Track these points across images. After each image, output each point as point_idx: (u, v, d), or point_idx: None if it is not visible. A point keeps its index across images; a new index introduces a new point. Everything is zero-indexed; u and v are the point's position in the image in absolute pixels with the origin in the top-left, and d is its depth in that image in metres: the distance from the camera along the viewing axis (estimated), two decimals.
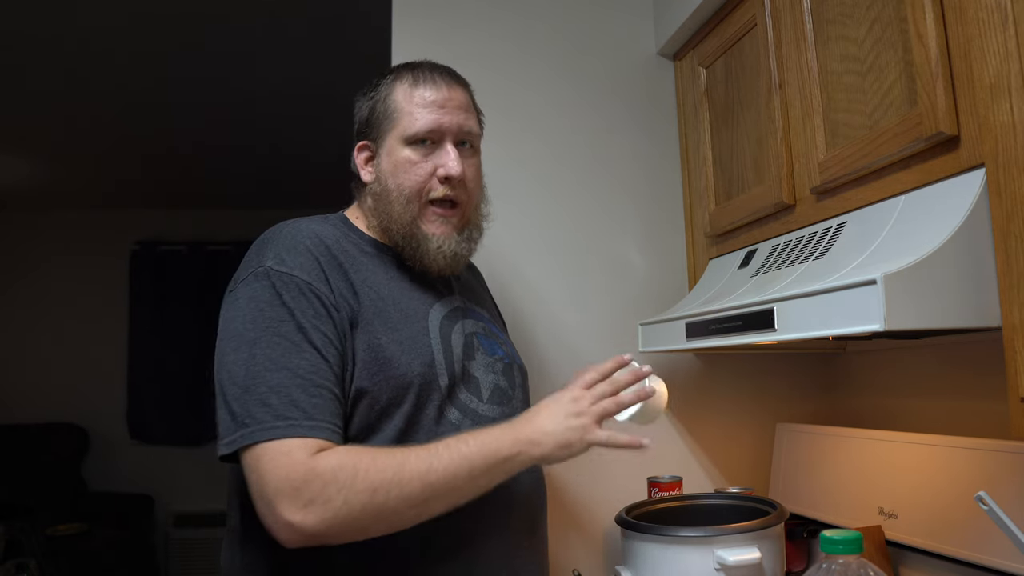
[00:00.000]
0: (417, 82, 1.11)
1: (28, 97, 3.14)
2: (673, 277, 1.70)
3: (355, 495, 0.87)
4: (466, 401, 1.07)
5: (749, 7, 1.42)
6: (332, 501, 0.86)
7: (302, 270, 0.99)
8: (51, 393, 4.50)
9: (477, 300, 1.25)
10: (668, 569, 1.15)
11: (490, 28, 1.68)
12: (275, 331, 0.94)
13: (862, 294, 0.89)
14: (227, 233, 4.72)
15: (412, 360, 1.02)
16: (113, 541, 3.89)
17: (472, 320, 1.17)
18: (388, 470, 0.89)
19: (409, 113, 1.09)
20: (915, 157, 1.03)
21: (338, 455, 0.89)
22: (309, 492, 0.86)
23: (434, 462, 0.91)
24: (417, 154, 1.09)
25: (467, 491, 0.93)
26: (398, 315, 1.05)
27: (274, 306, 0.95)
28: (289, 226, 1.06)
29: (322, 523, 0.86)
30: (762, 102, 1.38)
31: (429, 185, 1.09)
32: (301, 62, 2.87)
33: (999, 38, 0.87)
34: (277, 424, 0.88)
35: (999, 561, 1.06)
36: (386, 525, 0.91)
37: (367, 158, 1.14)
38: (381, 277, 1.08)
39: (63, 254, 4.70)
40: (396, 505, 0.88)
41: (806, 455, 1.54)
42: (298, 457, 0.87)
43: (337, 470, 0.87)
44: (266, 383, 0.91)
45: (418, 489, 0.89)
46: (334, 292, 1.00)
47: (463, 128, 1.11)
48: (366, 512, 0.87)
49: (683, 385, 1.67)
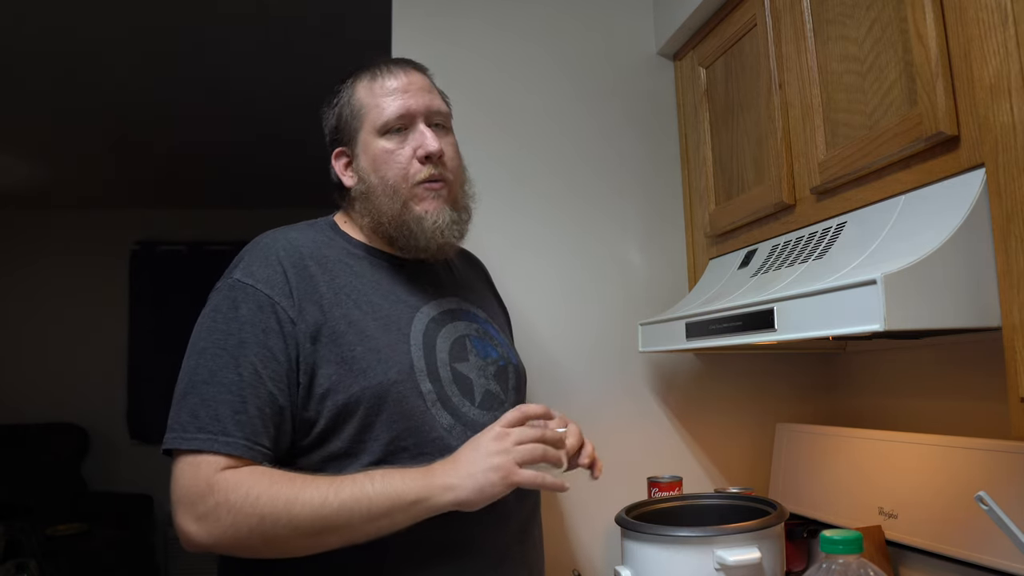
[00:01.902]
0: (376, 75, 1.11)
1: (28, 97, 3.14)
2: (673, 277, 1.70)
3: (243, 519, 0.89)
4: (459, 405, 1.06)
5: (749, 7, 1.42)
6: (221, 520, 0.89)
7: (266, 283, 1.00)
8: (51, 393, 4.50)
9: (476, 299, 1.24)
10: (668, 569, 1.14)
11: (490, 28, 1.68)
12: (221, 344, 0.97)
13: (862, 294, 0.89)
14: (227, 233, 4.72)
15: (388, 368, 1.01)
16: (113, 541, 3.89)
17: (465, 322, 1.15)
18: (279, 499, 0.90)
19: (375, 105, 1.09)
20: (915, 157, 1.03)
21: (239, 476, 0.91)
22: (204, 507, 0.90)
23: (331, 496, 0.90)
24: (392, 142, 1.08)
25: (368, 530, 0.91)
26: (376, 324, 1.04)
27: (228, 319, 0.98)
28: (268, 236, 1.07)
29: (211, 538, 0.90)
30: (762, 102, 1.38)
31: (412, 169, 1.08)
32: (301, 62, 2.87)
33: (999, 38, 0.87)
34: (197, 436, 0.92)
35: (999, 561, 1.06)
36: (278, 551, 0.92)
37: (345, 163, 1.14)
38: (366, 282, 1.08)
39: (63, 254, 4.70)
40: (285, 533, 0.90)
41: (806, 455, 1.54)
42: (203, 471, 0.91)
43: (231, 491, 0.90)
44: (199, 394, 0.94)
45: (308, 521, 0.89)
46: (297, 306, 1.00)
47: (431, 108, 1.11)
48: (253, 535, 0.90)
49: (683, 385, 1.67)
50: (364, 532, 0.91)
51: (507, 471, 0.93)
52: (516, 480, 0.93)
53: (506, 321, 1.36)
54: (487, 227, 1.37)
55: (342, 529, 0.91)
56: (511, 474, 0.93)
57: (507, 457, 0.93)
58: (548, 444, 0.97)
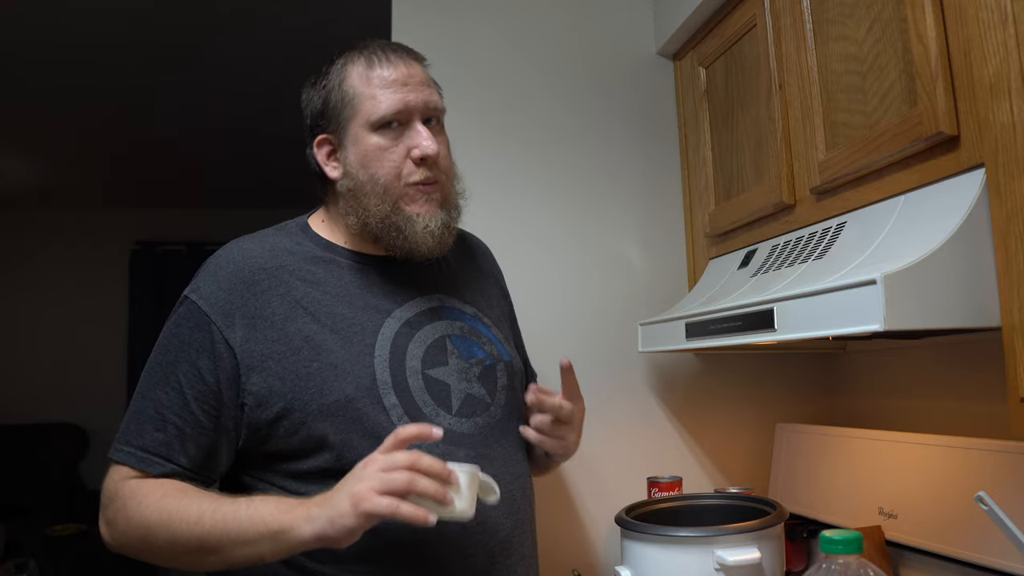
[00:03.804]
0: (372, 63, 1.03)
1: (28, 97, 3.14)
2: (673, 277, 1.70)
3: (133, 528, 0.92)
4: (431, 415, 1.00)
5: (749, 7, 1.42)
6: (119, 526, 0.94)
7: (207, 301, 0.99)
8: (51, 393, 4.50)
9: (465, 294, 1.16)
10: (668, 569, 1.14)
11: (490, 28, 1.68)
12: (159, 359, 1.00)
13: (862, 294, 0.89)
14: (227, 233, 4.66)
15: (344, 384, 0.96)
16: None
17: (447, 321, 1.09)
18: (164, 512, 0.90)
19: (371, 97, 1.01)
20: (915, 157, 1.03)
21: (141, 486, 0.93)
22: (109, 511, 0.95)
23: (207, 515, 0.88)
24: (386, 139, 1.01)
25: (240, 555, 0.87)
26: (335, 337, 0.99)
27: (170, 335, 1.00)
28: (224, 249, 1.06)
29: (115, 542, 0.95)
30: (762, 102, 1.38)
31: (405, 169, 1.02)
32: (301, 62, 2.87)
33: (999, 38, 0.87)
34: (122, 448, 0.97)
35: (999, 561, 1.06)
36: (167, 561, 0.94)
37: (329, 152, 1.07)
38: (330, 291, 1.03)
39: (63, 254, 4.70)
40: (166, 547, 0.91)
41: (806, 455, 1.54)
42: (115, 478, 0.96)
43: (128, 499, 0.93)
44: (135, 406, 0.99)
45: (184, 537, 0.89)
46: (238, 325, 0.97)
47: (429, 104, 1.04)
48: (144, 544, 0.93)
49: (683, 385, 1.67)
50: (239, 557, 0.88)
51: (359, 498, 0.81)
52: (366, 508, 0.81)
53: (507, 312, 1.28)
54: (486, 226, 1.36)
55: (217, 550, 0.88)
56: (362, 502, 0.81)
57: (364, 484, 0.82)
58: (423, 473, 0.83)
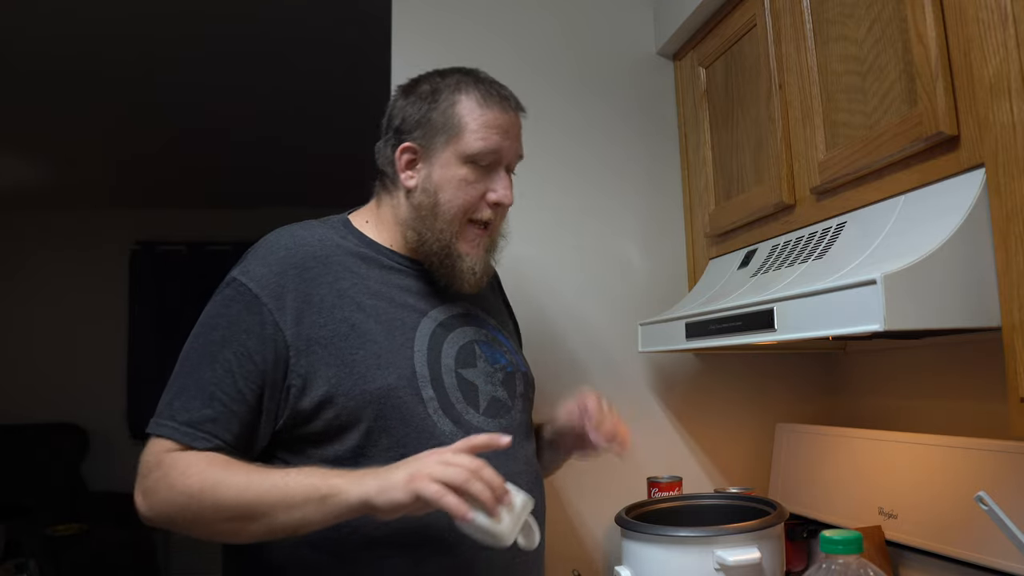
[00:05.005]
0: (486, 101, 1.09)
1: (29, 97, 3.14)
2: (673, 277, 1.70)
3: (176, 495, 0.92)
4: (461, 412, 1.05)
5: (749, 7, 1.42)
6: (160, 494, 0.93)
7: (259, 283, 1.01)
8: (51, 393, 4.50)
9: (486, 306, 1.23)
10: (668, 569, 1.15)
11: (489, 27, 1.68)
12: (205, 338, 1.00)
13: (862, 294, 0.89)
14: (227, 233, 4.71)
15: (388, 373, 1.00)
16: (113, 541, 3.88)
17: (475, 327, 1.14)
18: (209, 480, 0.91)
19: (474, 131, 1.07)
20: (915, 157, 1.03)
21: (186, 457, 0.94)
22: (148, 480, 0.94)
23: (254, 483, 0.90)
24: (473, 174, 1.08)
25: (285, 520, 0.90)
26: (379, 327, 1.03)
27: (217, 315, 1.01)
28: (275, 234, 1.08)
29: (150, 511, 0.94)
30: (762, 102, 1.38)
31: (477, 206, 1.09)
32: (301, 61, 2.87)
33: (999, 38, 0.87)
34: (166, 423, 0.96)
35: (999, 561, 1.06)
36: (204, 531, 0.94)
37: (410, 160, 1.10)
38: (373, 284, 1.07)
39: (63, 254, 4.70)
40: (209, 514, 0.91)
41: (806, 455, 1.54)
42: (157, 449, 0.95)
43: (172, 468, 0.93)
44: (179, 383, 0.99)
45: (230, 504, 0.90)
46: (287, 309, 1.00)
47: (517, 156, 1.13)
48: (184, 512, 0.92)
49: (683, 385, 1.67)
50: (282, 522, 0.90)
51: (413, 477, 0.85)
52: (417, 486, 0.84)
53: (515, 329, 1.35)
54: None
55: (262, 516, 0.90)
56: (415, 480, 0.84)
57: (424, 468, 0.86)
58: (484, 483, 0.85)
